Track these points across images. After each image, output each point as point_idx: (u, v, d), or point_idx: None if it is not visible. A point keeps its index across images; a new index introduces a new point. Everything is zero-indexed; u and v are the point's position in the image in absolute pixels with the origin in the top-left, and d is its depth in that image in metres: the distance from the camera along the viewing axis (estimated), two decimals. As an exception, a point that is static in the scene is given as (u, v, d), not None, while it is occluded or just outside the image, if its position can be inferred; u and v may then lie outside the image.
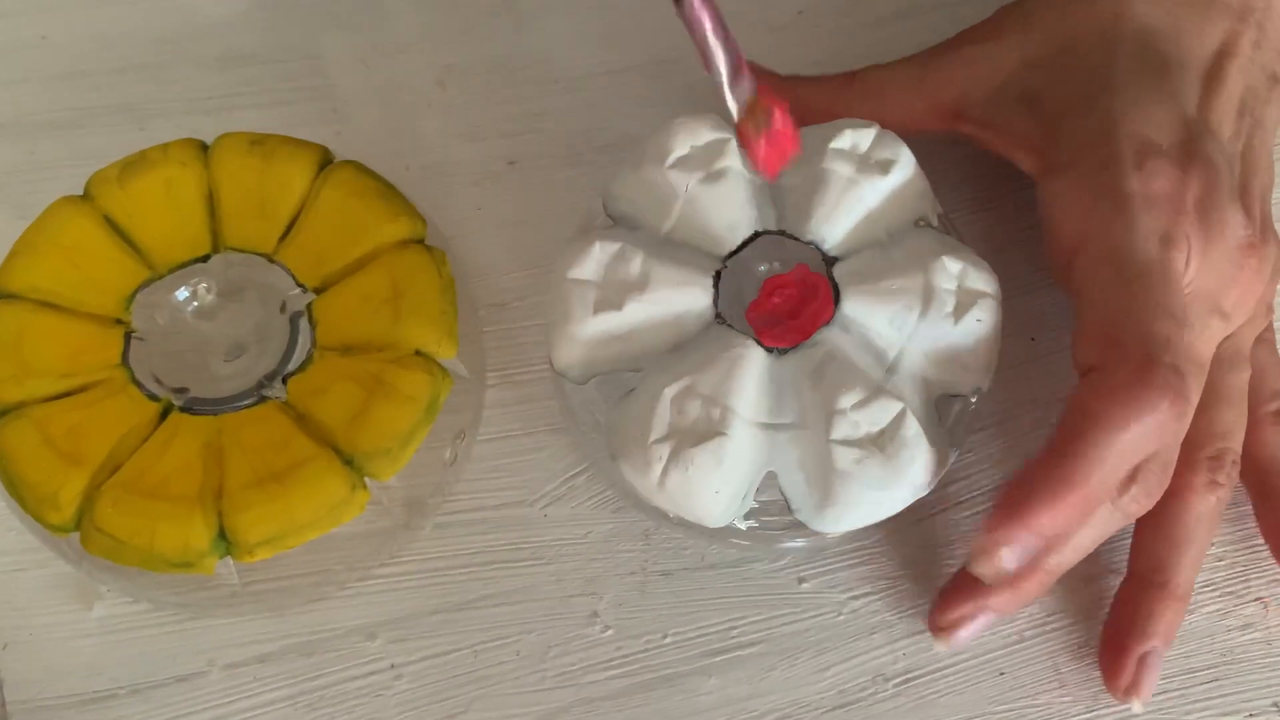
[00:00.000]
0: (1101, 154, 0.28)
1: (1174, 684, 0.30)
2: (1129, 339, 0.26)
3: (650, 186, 0.29)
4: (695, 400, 0.27)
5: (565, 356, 0.28)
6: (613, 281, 0.28)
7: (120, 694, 0.29)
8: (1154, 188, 0.27)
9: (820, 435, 0.27)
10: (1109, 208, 0.27)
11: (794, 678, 0.30)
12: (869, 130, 0.29)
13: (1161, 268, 0.27)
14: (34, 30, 0.37)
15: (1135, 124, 0.28)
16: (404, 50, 0.37)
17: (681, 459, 0.26)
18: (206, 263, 0.31)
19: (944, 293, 0.28)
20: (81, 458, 0.28)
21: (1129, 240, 0.27)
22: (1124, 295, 0.27)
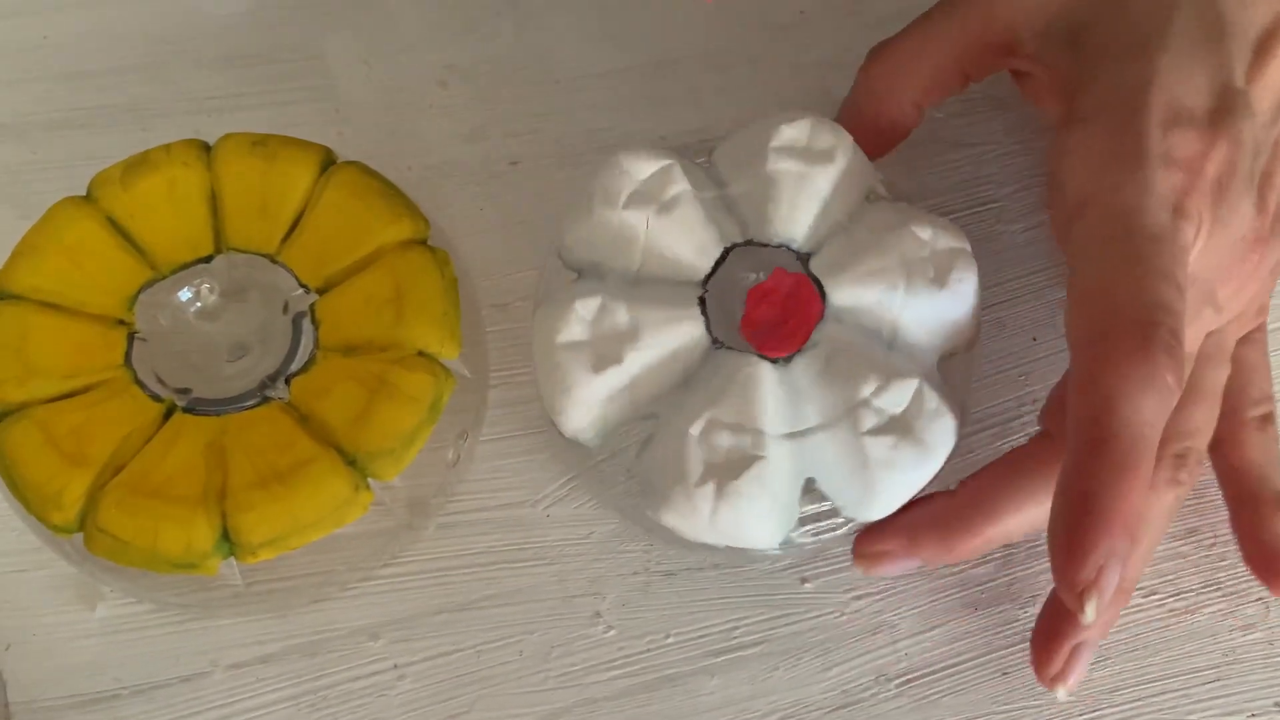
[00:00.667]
0: (1129, 109, 0.26)
1: (1176, 684, 0.30)
2: (1128, 305, 0.25)
3: (607, 230, 0.29)
4: (722, 432, 0.26)
5: (576, 421, 0.28)
6: (603, 337, 0.27)
7: (123, 694, 0.29)
8: (1176, 153, 0.26)
9: (848, 431, 0.27)
10: (1126, 166, 0.26)
11: (796, 678, 0.30)
12: (804, 121, 0.29)
13: (1171, 237, 0.25)
14: (35, 30, 0.37)
15: (1173, 84, 0.26)
16: (406, 50, 0.37)
17: (728, 494, 0.26)
18: (209, 263, 0.31)
19: (921, 261, 0.28)
20: (84, 458, 0.28)
21: (1140, 203, 0.25)
22: (1127, 260, 0.25)
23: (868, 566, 0.29)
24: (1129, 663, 0.30)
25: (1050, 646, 0.29)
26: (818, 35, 0.38)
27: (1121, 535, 0.24)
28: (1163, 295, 0.25)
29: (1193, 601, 0.31)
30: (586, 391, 0.27)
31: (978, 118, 0.37)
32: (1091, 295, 0.25)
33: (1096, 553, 0.23)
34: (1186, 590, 0.31)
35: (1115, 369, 0.24)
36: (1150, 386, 0.24)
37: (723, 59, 0.37)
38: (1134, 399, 0.24)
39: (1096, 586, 0.24)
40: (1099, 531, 0.24)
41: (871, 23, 0.38)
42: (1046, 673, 0.29)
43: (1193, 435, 0.29)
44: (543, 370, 0.28)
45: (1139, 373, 0.24)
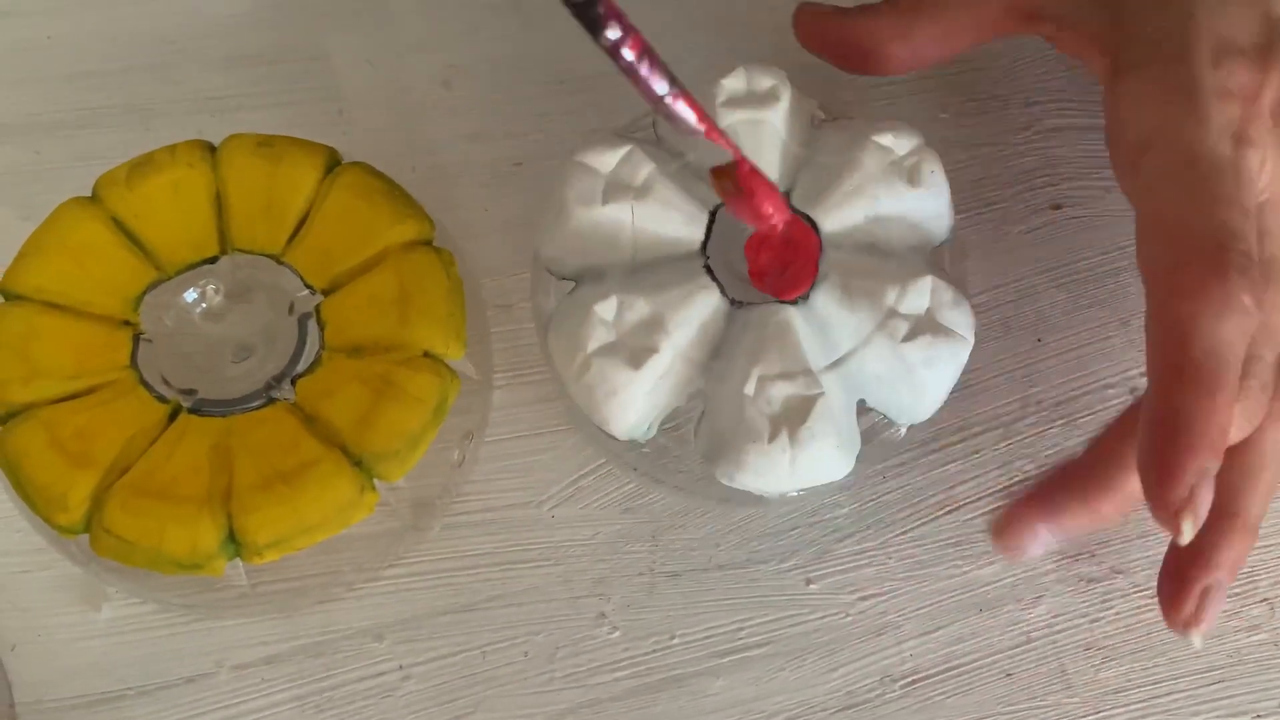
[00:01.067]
0: (1176, 49, 0.27)
1: (1181, 685, 0.30)
2: (1199, 233, 0.25)
3: (594, 231, 0.29)
4: (774, 384, 0.27)
5: (629, 421, 0.28)
6: (631, 332, 0.28)
7: (129, 695, 0.29)
8: (1230, 85, 0.26)
9: (886, 344, 0.27)
10: (1181, 103, 0.26)
11: (801, 679, 0.30)
12: (739, 70, 0.30)
13: (1234, 165, 0.25)
14: (39, 31, 0.37)
15: (1215, 21, 0.27)
16: (410, 51, 0.37)
17: (802, 440, 0.27)
18: (214, 264, 0.31)
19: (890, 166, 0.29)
20: (90, 459, 0.28)
21: (1200, 135, 0.26)
22: (1193, 190, 0.25)
23: (1011, 549, 0.28)
24: (1134, 663, 0.30)
25: (1181, 589, 0.27)
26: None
27: (1211, 454, 0.24)
28: (1232, 220, 0.25)
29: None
30: (632, 389, 0.27)
31: (983, 118, 0.36)
32: (1160, 227, 0.26)
33: (1187, 472, 0.23)
34: (1191, 591, 0.31)
35: (1190, 294, 0.24)
36: (1227, 307, 0.24)
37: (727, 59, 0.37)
38: (1212, 321, 0.24)
39: (1191, 504, 0.23)
40: (1189, 450, 0.23)
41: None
42: (1179, 617, 0.27)
43: None
44: (579, 384, 0.28)
45: (1215, 294, 0.24)
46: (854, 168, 0.29)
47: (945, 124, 0.36)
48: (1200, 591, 0.27)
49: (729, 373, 0.28)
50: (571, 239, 0.29)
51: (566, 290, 0.30)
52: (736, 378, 0.27)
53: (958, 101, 0.37)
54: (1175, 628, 0.28)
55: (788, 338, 0.27)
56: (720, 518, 0.32)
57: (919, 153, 0.29)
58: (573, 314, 0.28)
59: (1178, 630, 0.28)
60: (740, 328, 0.28)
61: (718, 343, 0.28)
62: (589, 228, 0.29)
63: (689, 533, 0.31)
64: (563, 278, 0.30)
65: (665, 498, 0.32)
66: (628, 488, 0.32)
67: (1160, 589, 0.28)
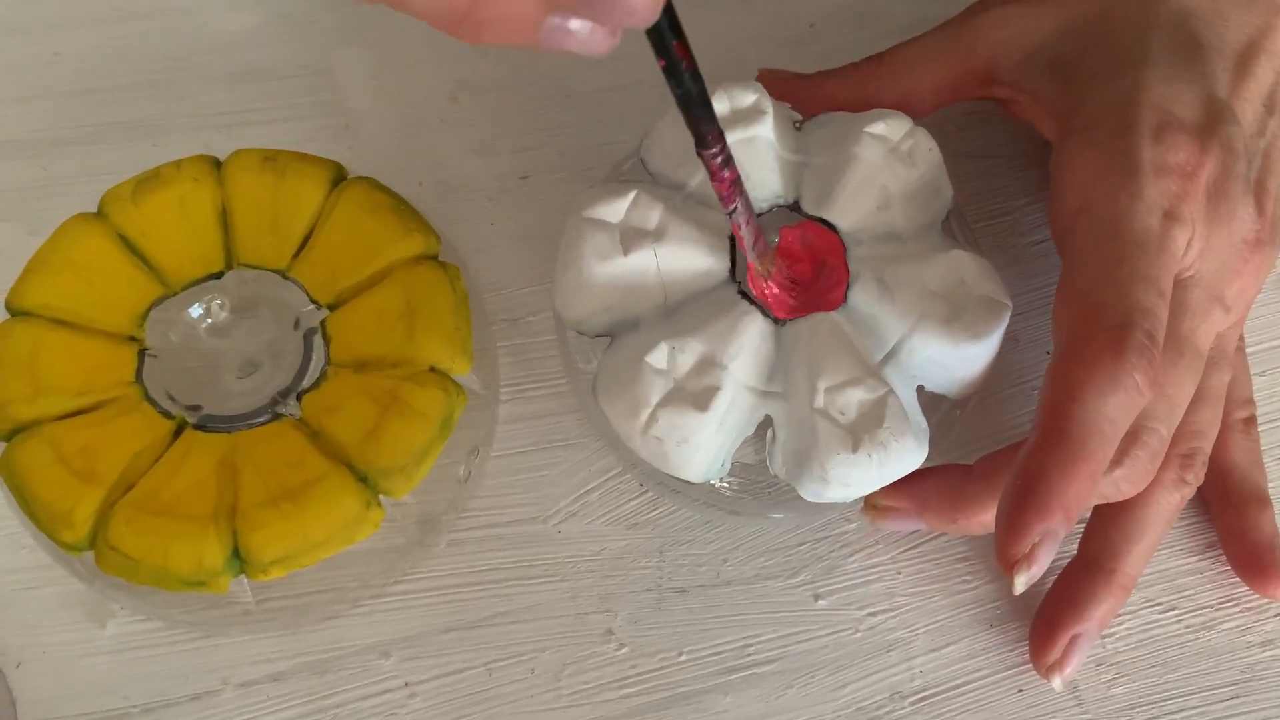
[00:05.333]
0: (1121, 120, 0.27)
1: (1194, 701, 0.30)
2: (1108, 307, 0.25)
3: (619, 283, 0.28)
4: (843, 391, 0.27)
5: (702, 461, 0.28)
6: (692, 375, 0.27)
7: (133, 713, 0.29)
8: (1168, 161, 0.27)
9: (933, 326, 0.28)
10: (1118, 173, 0.27)
11: (810, 695, 0.30)
12: (720, 92, 0.30)
13: (1159, 241, 0.26)
14: (45, 47, 0.37)
15: (1160, 97, 0.27)
16: (416, 65, 0.37)
17: (883, 440, 0.27)
18: (220, 279, 0.31)
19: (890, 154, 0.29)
20: (95, 476, 0.28)
21: (1132, 208, 0.26)
22: (1113, 263, 0.26)
23: (875, 517, 0.30)
24: (1147, 680, 0.30)
25: (1049, 635, 0.29)
26: (826, 49, 0.38)
27: (1060, 518, 0.24)
28: (1142, 298, 0.25)
29: (1210, 617, 0.31)
30: (703, 432, 0.27)
31: (990, 130, 0.36)
32: (1075, 293, 0.26)
33: (1032, 531, 0.24)
34: (1204, 606, 0.31)
35: (1084, 365, 0.25)
36: (1117, 385, 0.25)
37: (732, 73, 0.37)
38: (1096, 394, 0.25)
39: (1028, 562, 0.24)
40: (1038, 511, 0.24)
41: (878, 36, 0.37)
42: (1044, 661, 0.29)
43: (1199, 436, 0.29)
44: (645, 439, 0.27)
45: (1107, 370, 0.25)
46: (855, 163, 0.29)
47: (953, 136, 0.36)
48: (1068, 639, 0.29)
49: (791, 391, 0.28)
50: (598, 296, 0.28)
51: (601, 348, 0.29)
52: (802, 394, 0.27)
53: (962, 114, 0.37)
54: (1040, 671, 0.30)
55: (842, 344, 0.28)
56: (728, 533, 0.31)
57: (912, 134, 0.30)
58: (624, 371, 0.28)
59: (1042, 674, 0.30)
60: (790, 344, 0.28)
61: (771, 364, 0.28)
62: (614, 281, 0.28)
63: (696, 548, 0.31)
64: (595, 335, 0.29)
65: (673, 512, 0.32)
66: (634, 503, 0.32)
67: (1031, 633, 0.30)
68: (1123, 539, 0.29)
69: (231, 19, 0.38)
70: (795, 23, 0.38)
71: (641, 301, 0.28)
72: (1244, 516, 0.31)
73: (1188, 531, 0.32)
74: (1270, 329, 0.34)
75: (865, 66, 0.32)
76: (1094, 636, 0.29)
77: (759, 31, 0.38)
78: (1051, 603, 0.30)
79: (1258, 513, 0.31)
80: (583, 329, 0.29)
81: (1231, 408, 0.31)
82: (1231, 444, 0.31)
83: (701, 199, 0.30)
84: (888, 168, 0.29)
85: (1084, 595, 0.29)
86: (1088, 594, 0.29)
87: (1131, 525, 0.29)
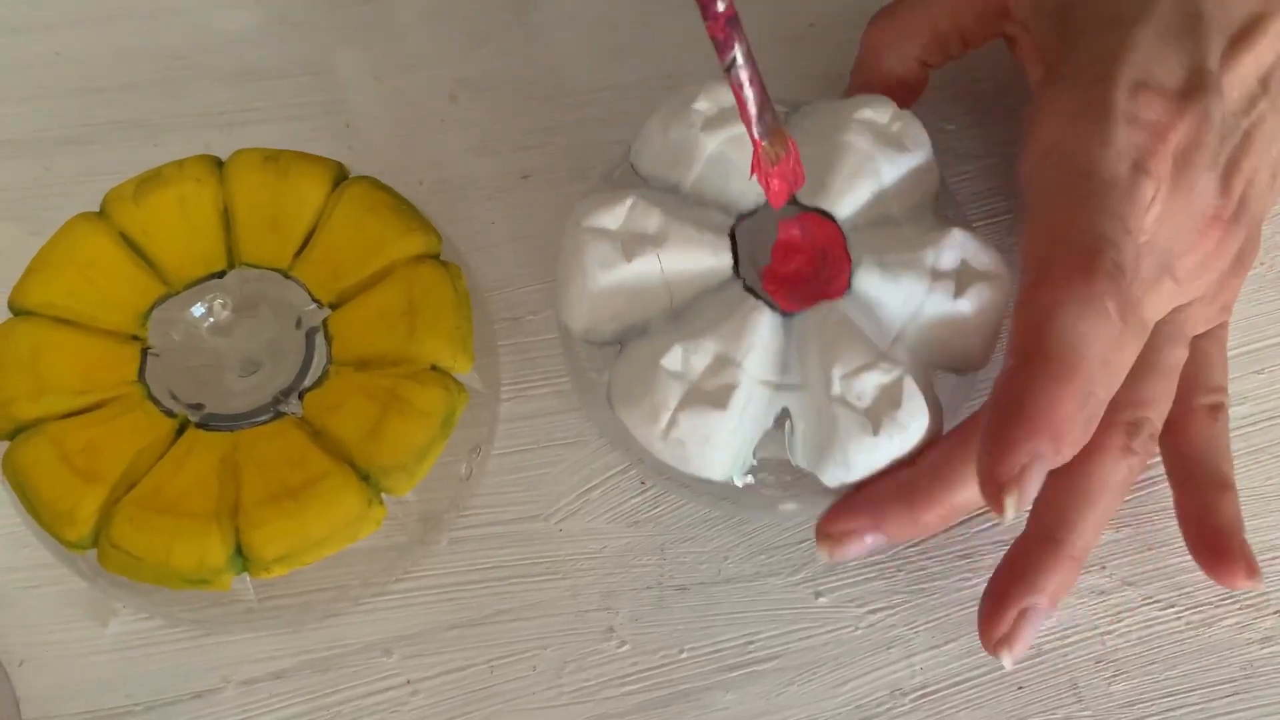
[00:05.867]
0: (1101, 71, 0.27)
1: (1193, 698, 0.30)
2: (1078, 233, 0.25)
3: (623, 289, 0.28)
4: (858, 376, 0.27)
5: (722, 461, 0.28)
6: (709, 374, 0.27)
7: (136, 711, 0.29)
8: (1141, 115, 0.27)
9: (940, 304, 0.28)
10: (1091, 118, 0.27)
11: (811, 693, 0.30)
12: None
13: (1126, 186, 0.26)
14: (46, 47, 0.37)
15: (1145, 57, 0.27)
16: (416, 65, 0.37)
17: (902, 421, 0.27)
18: (222, 279, 0.31)
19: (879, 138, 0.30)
20: (97, 474, 0.28)
21: (1101, 153, 0.26)
22: (1082, 198, 0.25)
23: (831, 549, 0.28)
24: (1146, 677, 0.30)
25: (998, 608, 0.28)
26: (826, 48, 0.38)
27: (1048, 439, 0.24)
28: (1110, 230, 0.25)
29: (1209, 614, 0.31)
30: (724, 432, 0.27)
31: (990, 130, 0.37)
32: (1043, 225, 0.26)
33: (1020, 450, 0.24)
34: (1204, 603, 0.31)
35: (1056, 286, 0.25)
36: (1090, 307, 0.24)
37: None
38: (1072, 315, 0.24)
39: (1018, 483, 0.24)
40: (1026, 429, 0.24)
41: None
42: (992, 635, 0.28)
43: (1146, 406, 0.29)
44: (667, 442, 0.27)
45: (1080, 291, 0.24)
46: (848, 150, 0.29)
47: (951, 136, 0.36)
48: (1017, 613, 0.28)
49: (807, 381, 0.28)
50: (605, 305, 0.28)
51: (610, 357, 0.29)
52: (818, 384, 0.27)
53: (962, 113, 0.37)
54: (988, 647, 0.28)
55: (852, 330, 0.28)
56: (729, 530, 0.32)
57: (900, 117, 0.30)
58: (639, 378, 0.28)
59: (990, 650, 0.28)
60: (801, 335, 0.28)
61: (783, 357, 0.28)
62: (620, 289, 0.28)
63: (697, 545, 0.31)
64: (603, 343, 0.29)
65: (674, 510, 0.32)
66: (635, 500, 0.32)
67: (980, 607, 0.29)
68: (1072, 509, 0.28)
69: (233, 18, 0.38)
70: (794, 22, 0.38)
71: (649, 306, 0.28)
72: (1203, 500, 0.30)
73: (1187, 529, 0.32)
74: (1270, 327, 0.34)
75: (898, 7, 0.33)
76: (1045, 611, 0.28)
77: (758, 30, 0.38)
78: (1000, 575, 0.29)
79: (1217, 496, 0.30)
80: (591, 338, 0.29)
81: (1199, 392, 0.31)
82: (1194, 428, 0.31)
83: (697, 198, 0.30)
84: (879, 152, 0.29)
85: (1033, 566, 0.28)
86: (1036, 565, 0.28)
87: (1079, 495, 0.28)
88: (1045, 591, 0.28)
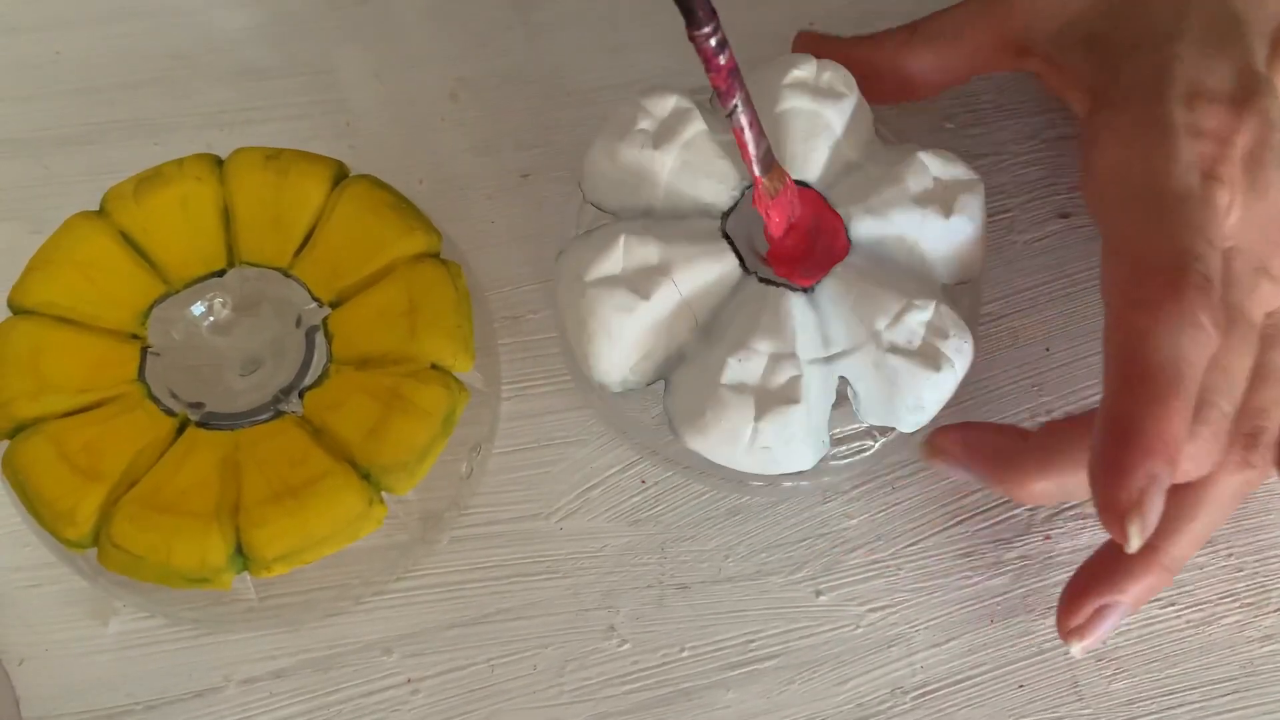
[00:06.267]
0: (1152, 89, 0.27)
1: (1194, 696, 0.30)
2: (1160, 252, 0.25)
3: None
4: (901, 322, 0.28)
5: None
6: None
7: (136, 710, 0.29)
8: (1202, 125, 0.26)
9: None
10: (1152, 137, 0.26)
11: (812, 691, 0.30)
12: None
13: (1201, 197, 0.25)
14: (47, 46, 0.37)
15: (1193, 68, 0.27)
16: (417, 64, 0.37)
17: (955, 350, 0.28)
18: (222, 277, 0.31)
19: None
20: (98, 473, 0.28)
21: (1169, 169, 0.26)
22: (1158, 216, 0.25)
23: (930, 454, 0.29)
24: (1146, 675, 0.30)
25: (1077, 599, 0.28)
26: (827, 47, 0.38)
27: (1162, 460, 0.23)
28: (1195, 244, 0.25)
29: (1210, 613, 0.31)
30: (804, 424, 0.28)
31: (989, 128, 0.37)
32: (1122, 248, 0.26)
33: (1137, 474, 0.23)
34: (1204, 601, 0.31)
35: (1147, 308, 0.24)
36: (1184, 323, 0.24)
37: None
38: (1167, 334, 0.24)
39: (1139, 509, 0.23)
40: (1140, 452, 0.23)
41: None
42: (1067, 624, 0.28)
43: (1263, 415, 0.28)
44: (759, 458, 0.28)
45: (1172, 309, 0.24)
46: (791, 116, 0.30)
47: (951, 134, 0.36)
48: (1097, 607, 0.28)
49: (855, 343, 0.28)
50: (636, 348, 0.28)
51: (648, 395, 0.30)
52: (866, 342, 0.28)
53: (962, 112, 0.37)
54: (1062, 633, 0.29)
55: (875, 282, 0.28)
56: (729, 529, 0.32)
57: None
58: (702, 404, 0.28)
59: (1063, 636, 0.29)
60: (828, 304, 0.29)
61: (821, 330, 0.28)
62: (646, 327, 0.28)
63: (698, 544, 0.31)
64: (648, 384, 0.29)
65: (675, 508, 0.32)
66: (636, 499, 0.32)
67: (1062, 593, 0.29)
68: (1174, 517, 0.27)
69: (233, 17, 0.38)
70: (796, 21, 0.38)
71: (677, 332, 0.29)
72: None
73: (1187, 527, 0.32)
74: None
75: (899, 34, 0.32)
76: (1125, 611, 0.28)
77: (757, 30, 0.38)
78: (1088, 569, 0.29)
79: None
80: (629, 386, 0.29)
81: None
82: None
83: (673, 212, 0.30)
84: (822, 107, 0.30)
85: (1122, 567, 0.28)
86: (1125, 567, 0.28)
87: (1186, 505, 0.28)
88: (1128, 593, 0.28)
